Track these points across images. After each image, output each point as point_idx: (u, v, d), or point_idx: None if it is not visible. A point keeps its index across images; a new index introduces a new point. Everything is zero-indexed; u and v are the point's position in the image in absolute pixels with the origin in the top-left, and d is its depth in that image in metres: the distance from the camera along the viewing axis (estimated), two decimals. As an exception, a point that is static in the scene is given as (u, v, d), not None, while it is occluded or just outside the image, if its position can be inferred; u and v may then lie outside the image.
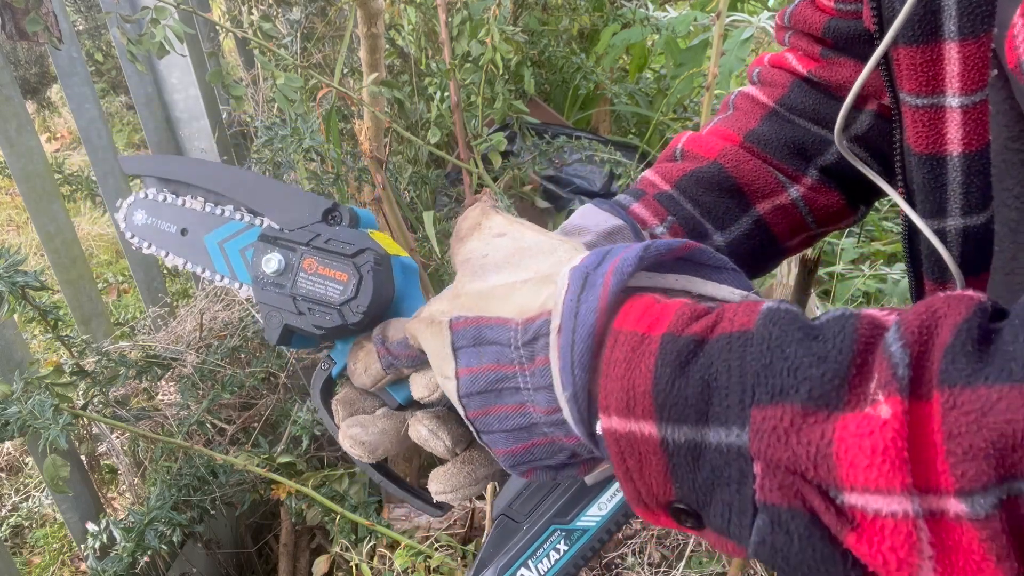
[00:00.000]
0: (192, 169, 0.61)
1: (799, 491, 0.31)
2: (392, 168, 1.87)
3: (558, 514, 0.51)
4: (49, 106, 3.54)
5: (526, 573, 0.50)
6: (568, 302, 0.39)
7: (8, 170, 1.47)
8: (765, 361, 0.32)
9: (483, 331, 0.43)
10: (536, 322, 0.41)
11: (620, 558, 1.39)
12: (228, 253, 0.58)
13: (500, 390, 0.42)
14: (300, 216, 0.55)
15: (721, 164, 0.65)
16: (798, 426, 0.31)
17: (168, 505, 1.32)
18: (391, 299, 0.54)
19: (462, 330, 0.44)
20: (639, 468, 0.36)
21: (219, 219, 0.59)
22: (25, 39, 1.30)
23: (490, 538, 0.53)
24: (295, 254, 0.54)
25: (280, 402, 1.68)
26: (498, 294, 0.44)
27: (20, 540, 2.05)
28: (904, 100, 0.49)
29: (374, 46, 1.39)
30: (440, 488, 0.52)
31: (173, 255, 0.61)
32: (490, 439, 0.44)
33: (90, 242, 3.39)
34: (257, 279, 0.55)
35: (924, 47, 0.46)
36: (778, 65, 0.68)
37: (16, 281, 1.11)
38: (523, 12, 2.32)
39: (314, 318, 0.53)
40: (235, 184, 0.58)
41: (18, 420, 1.09)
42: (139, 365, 1.42)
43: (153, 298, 1.86)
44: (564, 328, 0.38)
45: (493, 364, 0.42)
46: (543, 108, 2.36)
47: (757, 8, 2.50)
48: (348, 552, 1.35)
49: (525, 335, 0.41)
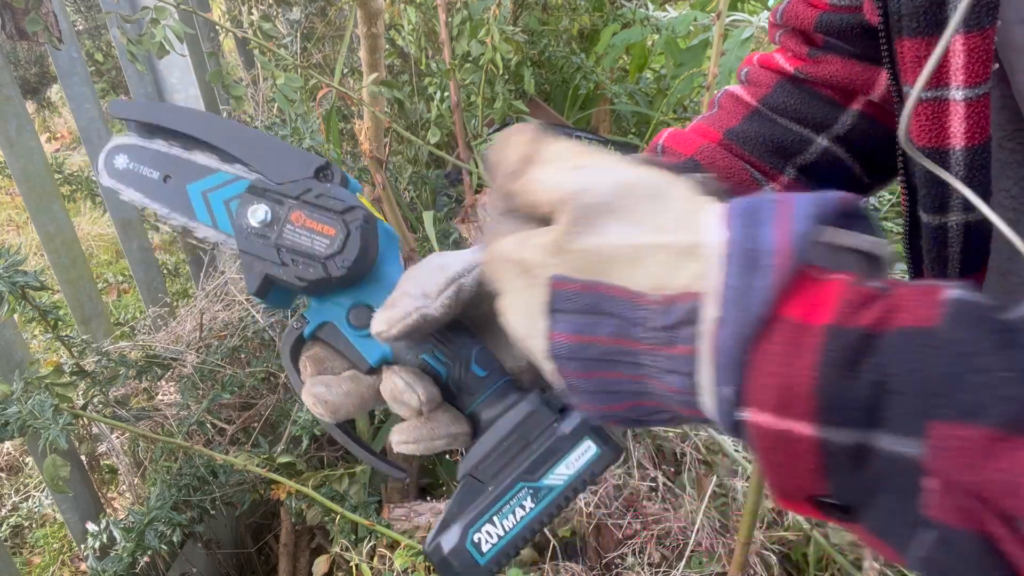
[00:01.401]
0: (182, 117, 0.59)
1: (979, 516, 0.28)
2: (392, 168, 1.87)
3: (526, 471, 0.51)
4: (49, 106, 3.54)
5: (491, 529, 0.50)
6: (730, 288, 0.34)
7: (8, 170, 1.47)
8: (953, 370, 0.29)
9: (602, 302, 0.37)
10: (679, 305, 0.35)
11: (620, 558, 1.39)
12: (212, 203, 0.57)
13: (616, 361, 0.38)
14: (291, 171, 0.55)
15: (697, 161, 0.65)
16: (991, 451, 0.27)
17: (168, 505, 1.32)
18: (374, 259, 0.55)
19: (568, 293, 0.38)
20: (790, 463, 0.33)
21: (205, 169, 0.58)
22: (25, 39, 1.30)
23: (455, 498, 0.52)
24: (283, 207, 0.54)
25: (280, 402, 1.68)
26: (622, 257, 0.37)
27: (20, 540, 2.05)
28: (907, 93, 0.49)
29: (374, 46, 1.39)
30: (402, 438, 0.52)
31: (151, 201, 0.59)
32: (582, 397, 0.40)
33: (90, 242, 3.39)
34: (240, 229, 0.54)
35: (929, 39, 0.45)
36: (766, 64, 0.68)
37: (16, 281, 1.11)
38: (523, 12, 2.32)
39: (297, 270, 0.53)
40: (226, 135, 0.57)
41: (18, 420, 1.09)
42: (139, 365, 1.42)
43: (153, 298, 1.86)
44: (727, 321, 0.33)
45: (613, 338, 0.37)
46: (543, 108, 2.36)
47: (757, 8, 2.50)
48: (348, 552, 1.35)
49: (665, 318, 0.36)
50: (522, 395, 0.55)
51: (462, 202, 1.88)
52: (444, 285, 0.52)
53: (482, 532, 0.50)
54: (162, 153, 0.59)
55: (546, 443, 0.51)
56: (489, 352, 0.57)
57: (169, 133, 0.60)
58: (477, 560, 0.51)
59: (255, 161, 0.56)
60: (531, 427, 0.52)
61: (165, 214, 0.59)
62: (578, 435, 0.51)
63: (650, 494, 1.49)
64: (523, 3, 2.33)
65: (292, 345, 0.57)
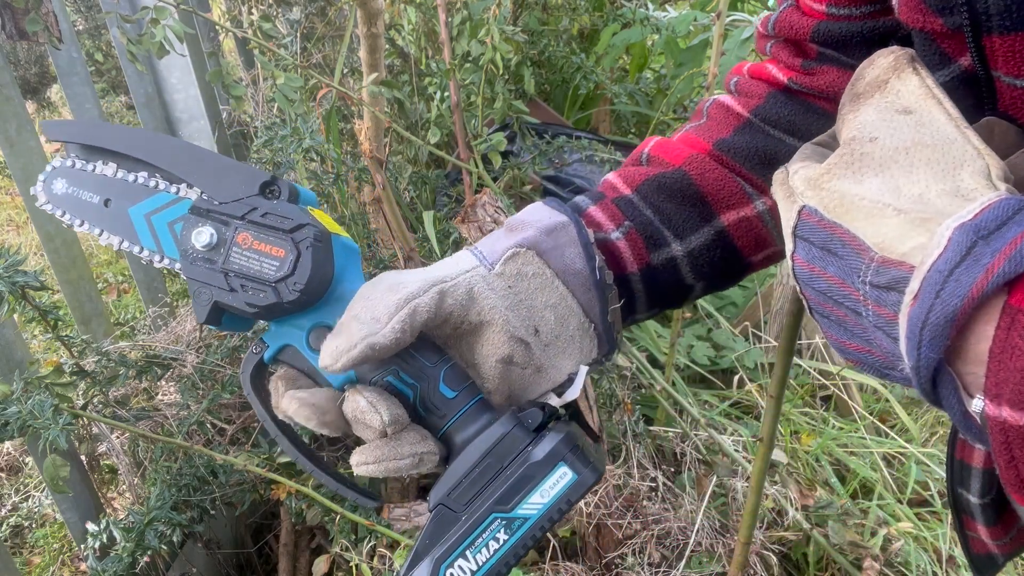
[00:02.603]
0: (119, 136, 0.56)
1: None
2: (392, 168, 1.87)
3: (499, 502, 0.48)
4: (49, 106, 3.54)
5: (464, 564, 0.48)
6: (935, 271, 0.34)
7: (8, 170, 1.47)
8: None
9: (834, 241, 0.40)
10: (893, 271, 0.36)
11: (620, 558, 1.39)
12: (155, 226, 0.54)
13: (841, 303, 0.40)
14: (235, 189, 0.52)
15: (686, 171, 0.63)
16: None
17: (168, 505, 1.32)
18: (330, 279, 0.52)
19: (811, 225, 0.41)
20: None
21: (146, 190, 0.55)
22: (25, 39, 1.30)
23: (426, 529, 0.50)
24: (228, 228, 0.51)
25: (280, 402, 1.68)
26: (863, 208, 0.39)
27: (20, 540, 2.05)
28: (1000, 79, 0.47)
29: (374, 46, 1.39)
30: (362, 459, 0.50)
31: (92, 226, 0.57)
32: (821, 322, 0.43)
33: (90, 242, 3.39)
34: (186, 253, 0.51)
35: (1021, 34, 0.44)
36: (757, 75, 0.66)
37: (16, 281, 1.11)
38: (523, 12, 2.32)
39: (247, 295, 0.50)
40: (165, 153, 0.54)
41: (18, 420, 1.08)
42: (139, 365, 1.42)
43: (153, 298, 1.86)
44: (921, 300, 0.34)
45: (838, 279, 0.40)
46: (543, 108, 2.36)
47: (757, 8, 2.50)
48: (348, 552, 1.35)
49: (877, 277, 0.37)
50: (495, 415, 0.52)
51: (462, 202, 1.88)
52: (395, 308, 0.50)
53: (454, 567, 0.48)
54: (101, 176, 0.56)
55: (519, 469, 0.49)
56: (459, 370, 0.54)
57: (108, 153, 0.56)
58: None
59: (197, 179, 0.53)
60: (505, 451, 0.50)
61: (106, 240, 0.56)
62: (553, 460, 0.48)
63: (650, 494, 1.49)
64: (523, 3, 2.33)
65: (252, 371, 0.55)
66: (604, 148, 1.92)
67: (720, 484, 1.58)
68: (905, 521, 1.72)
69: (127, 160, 0.56)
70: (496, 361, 0.55)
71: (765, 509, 1.59)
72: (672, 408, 1.65)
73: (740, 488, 1.56)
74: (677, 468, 1.65)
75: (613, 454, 1.52)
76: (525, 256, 0.56)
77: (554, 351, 0.57)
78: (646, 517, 1.42)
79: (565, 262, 0.57)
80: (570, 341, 0.58)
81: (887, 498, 1.78)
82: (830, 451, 1.89)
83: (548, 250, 0.57)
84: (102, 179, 0.56)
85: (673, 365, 1.66)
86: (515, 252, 0.56)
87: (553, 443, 0.49)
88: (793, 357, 0.93)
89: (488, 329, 0.55)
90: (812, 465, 1.86)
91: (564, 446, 0.49)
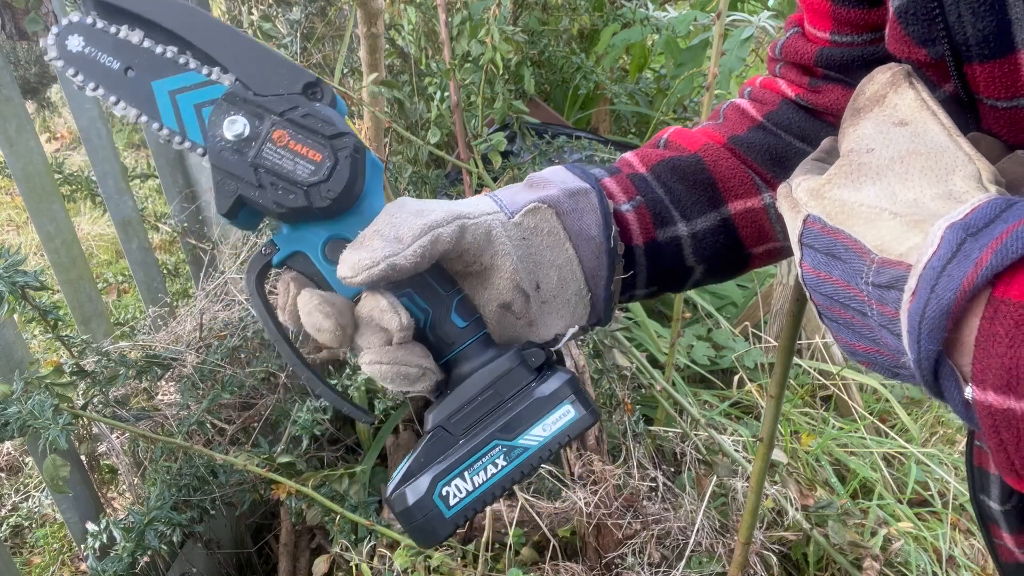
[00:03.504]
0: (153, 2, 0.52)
1: None
2: (392, 168, 1.87)
3: (502, 430, 0.50)
4: (49, 106, 3.54)
5: (461, 484, 0.49)
6: (930, 268, 0.36)
7: (8, 170, 1.47)
8: None
9: (836, 246, 0.42)
10: (892, 270, 0.39)
11: (620, 558, 1.39)
12: (180, 106, 0.51)
13: (847, 305, 0.42)
14: (276, 83, 0.49)
15: (700, 157, 0.65)
16: None
17: (168, 505, 1.32)
18: (359, 192, 0.51)
19: (815, 232, 0.44)
20: (1016, 442, 0.34)
21: (176, 66, 0.51)
22: (25, 39, 1.30)
23: (421, 448, 0.51)
24: (264, 122, 0.49)
25: (280, 402, 1.68)
26: (863, 214, 0.42)
27: (20, 540, 2.05)
28: (982, 101, 0.49)
29: (374, 46, 1.39)
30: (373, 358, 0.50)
31: (107, 92, 0.52)
32: (831, 326, 0.45)
33: (90, 242, 3.39)
34: (213, 140, 0.49)
35: (1000, 61, 0.46)
36: (768, 87, 0.69)
37: (16, 281, 1.11)
38: (523, 12, 2.32)
39: (275, 194, 0.48)
40: (203, 31, 0.51)
41: (18, 420, 1.08)
42: (139, 365, 1.42)
43: (153, 298, 1.86)
44: (918, 296, 0.36)
45: (843, 282, 0.42)
46: (543, 108, 2.36)
47: (757, 8, 2.50)
48: (348, 552, 1.35)
49: (878, 277, 0.40)
50: (500, 351, 0.53)
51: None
52: (419, 232, 0.51)
53: (451, 486, 0.49)
54: (125, 41, 0.51)
55: (524, 402, 0.51)
56: (469, 303, 0.55)
57: (135, 18, 0.52)
58: (443, 512, 0.49)
59: (236, 66, 0.50)
60: (509, 384, 0.51)
61: (122, 110, 0.52)
62: (558, 397, 0.51)
63: (650, 494, 1.49)
64: (523, 3, 2.32)
65: (259, 272, 0.53)
66: (604, 148, 1.92)
67: (720, 484, 1.58)
68: (905, 521, 1.72)
69: (157, 30, 0.52)
70: (497, 306, 0.57)
71: (765, 509, 1.59)
72: (672, 408, 1.65)
73: (740, 488, 1.56)
74: (677, 468, 1.65)
75: (613, 454, 1.52)
76: (545, 213, 0.58)
77: (549, 309, 0.59)
78: (646, 517, 1.42)
79: (581, 226, 0.59)
80: (566, 303, 0.60)
81: (887, 498, 1.78)
82: (830, 451, 1.89)
83: (567, 212, 0.59)
84: (126, 44, 0.52)
85: (673, 365, 1.66)
86: (536, 207, 0.58)
87: (560, 382, 0.52)
88: (793, 357, 0.93)
89: (496, 273, 0.56)
90: (812, 465, 1.86)
91: (569, 387, 0.52)
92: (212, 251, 1.94)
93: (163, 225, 2.16)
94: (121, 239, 1.80)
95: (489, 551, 1.33)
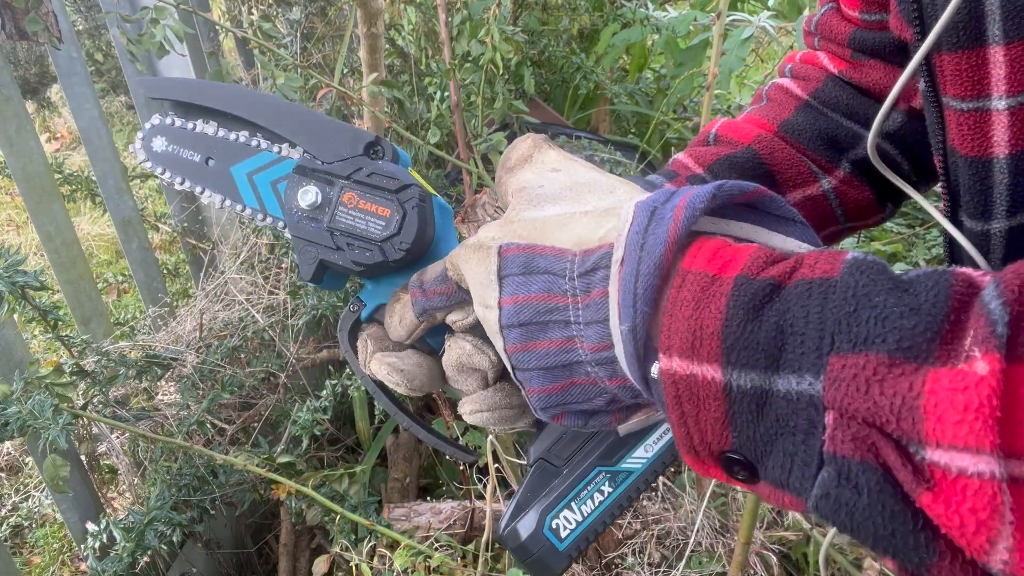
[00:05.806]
0: (219, 94, 0.56)
1: (874, 444, 0.30)
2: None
3: (602, 456, 0.50)
4: (49, 106, 3.54)
5: (569, 515, 0.50)
6: (633, 234, 0.38)
7: (8, 170, 1.47)
8: (849, 309, 0.31)
9: (535, 259, 0.42)
10: (595, 254, 0.40)
11: (620, 558, 1.39)
12: (258, 185, 0.55)
13: (546, 323, 0.41)
14: (340, 148, 0.52)
15: (755, 150, 0.65)
16: (883, 376, 0.29)
17: (168, 505, 1.32)
18: (432, 239, 0.53)
19: (512, 257, 0.43)
20: (695, 413, 0.35)
21: (249, 149, 0.55)
22: (25, 39, 1.30)
23: (528, 482, 0.51)
24: (334, 188, 0.52)
25: (280, 402, 1.68)
26: (555, 223, 0.43)
27: (20, 540, 2.05)
28: (948, 104, 0.49)
29: (374, 46, 1.39)
30: (475, 407, 0.50)
31: (193, 183, 0.57)
32: (526, 376, 0.43)
33: (90, 242, 3.39)
34: (291, 212, 0.52)
35: (969, 52, 0.45)
36: (810, 62, 0.69)
37: (16, 281, 1.11)
38: (523, 12, 2.32)
39: (353, 254, 0.51)
40: (267, 113, 0.54)
41: (18, 420, 1.08)
42: (139, 365, 1.42)
43: (153, 298, 1.86)
44: (628, 260, 0.37)
45: (543, 295, 0.41)
46: (543, 108, 2.36)
47: (757, 8, 2.50)
48: (348, 552, 1.35)
49: (582, 266, 0.40)
50: None
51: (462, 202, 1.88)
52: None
53: (560, 518, 0.50)
54: (202, 134, 0.56)
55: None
56: None
57: (207, 111, 0.57)
58: (556, 546, 0.50)
59: (301, 139, 0.53)
60: None
61: (207, 198, 0.57)
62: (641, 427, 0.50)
63: (650, 494, 1.49)
64: (523, 3, 2.32)
65: (351, 329, 0.56)
66: (604, 148, 1.92)
67: (720, 484, 1.58)
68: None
69: (227, 119, 0.56)
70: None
71: (765, 509, 1.59)
72: (672, 408, 1.64)
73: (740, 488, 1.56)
74: (677, 468, 1.65)
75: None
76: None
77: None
78: (646, 517, 1.42)
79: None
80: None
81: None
82: (830, 451, 1.88)
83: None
84: (203, 137, 0.56)
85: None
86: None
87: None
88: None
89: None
90: (812, 465, 1.86)
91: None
92: (212, 251, 1.94)
93: (163, 225, 2.16)
94: (121, 239, 1.80)
95: (489, 551, 1.33)
